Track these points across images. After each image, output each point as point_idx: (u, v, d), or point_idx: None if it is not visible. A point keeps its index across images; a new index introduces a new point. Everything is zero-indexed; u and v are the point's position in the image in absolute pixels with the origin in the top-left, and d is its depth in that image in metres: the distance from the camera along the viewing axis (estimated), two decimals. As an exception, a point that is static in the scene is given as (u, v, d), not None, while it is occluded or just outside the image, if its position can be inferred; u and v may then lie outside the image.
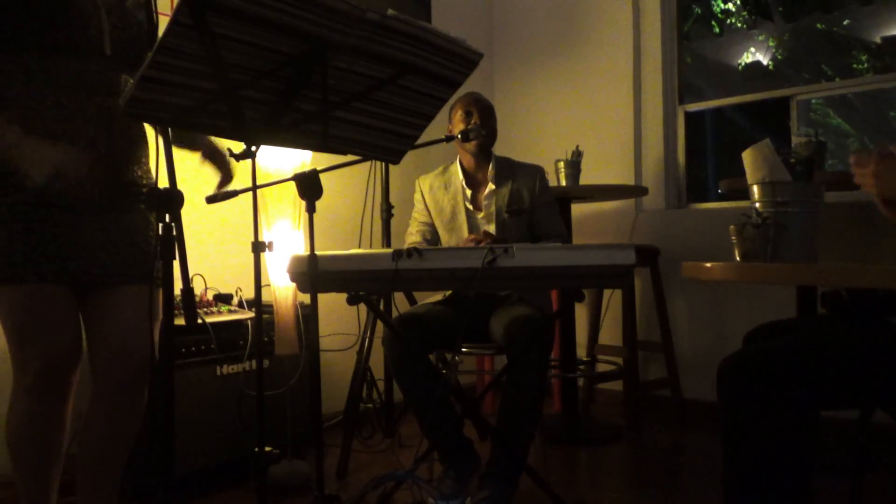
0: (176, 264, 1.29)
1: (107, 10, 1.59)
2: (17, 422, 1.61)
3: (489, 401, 3.44)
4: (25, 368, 1.58)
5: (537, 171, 2.55)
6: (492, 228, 2.47)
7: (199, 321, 2.37)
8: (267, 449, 2.46)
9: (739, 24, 4.54)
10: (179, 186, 1.29)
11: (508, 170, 2.54)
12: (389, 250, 1.79)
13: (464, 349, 2.48)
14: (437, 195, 2.56)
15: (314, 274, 1.59)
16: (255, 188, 1.52)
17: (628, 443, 3.06)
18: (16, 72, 1.52)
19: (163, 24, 1.32)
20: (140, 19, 1.65)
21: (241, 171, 1.72)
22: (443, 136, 2.39)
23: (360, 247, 2.99)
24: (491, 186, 2.50)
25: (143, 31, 1.64)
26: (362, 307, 2.69)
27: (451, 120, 2.58)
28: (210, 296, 2.57)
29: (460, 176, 2.54)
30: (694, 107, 3.73)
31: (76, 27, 1.53)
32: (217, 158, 1.79)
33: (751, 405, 1.32)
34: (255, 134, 1.41)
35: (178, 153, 1.36)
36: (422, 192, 2.60)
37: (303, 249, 2.49)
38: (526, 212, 2.49)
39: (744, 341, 1.73)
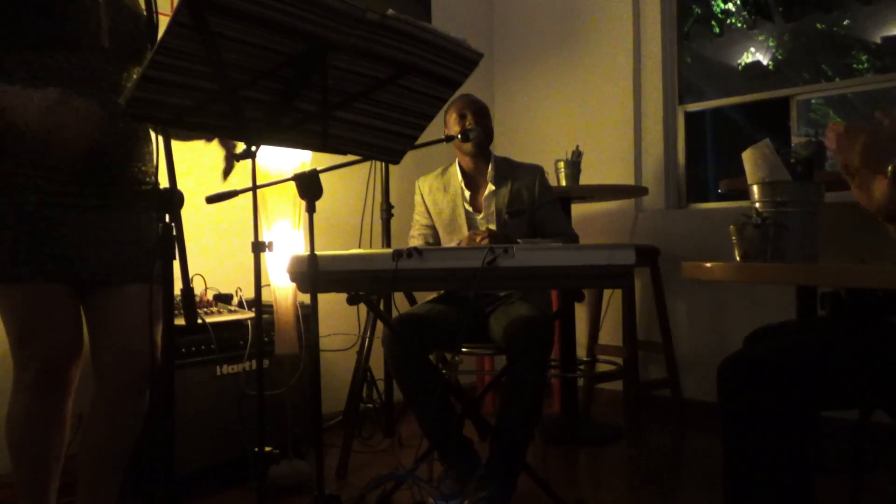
0: (176, 264, 1.29)
1: (105, 2, 1.59)
2: (17, 420, 1.62)
3: (489, 401, 3.44)
4: (26, 367, 1.58)
5: (537, 171, 2.54)
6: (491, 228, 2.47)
7: (199, 321, 2.37)
8: (267, 449, 2.46)
9: (739, 24, 4.54)
10: (179, 186, 1.29)
11: (508, 170, 2.54)
12: (389, 250, 1.79)
13: (464, 349, 2.48)
14: (437, 197, 2.56)
15: (314, 274, 1.59)
16: (255, 188, 1.52)
17: (628, 443, 3.06)
18: (18, 69, 1.52)
19: (162, 24, 1.32)
20: (138, 12, 1.65)
21: (241, 171, 1.72)
22: (443, 137, 2.39)
23: (360, 247, 2.99)
24: (490, 187, 2.50)
25: (143, 23, 1.63)
26: (362, 307, 2.69)
27: (445, 123, 2.58)
28: (210, 296, 2.57)
29: (459, 177, 2.54)
30: (694, 107, 3.73)
31: (74, 20, 1.53)
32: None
33: (751, 405, 1.32)
34: (256, 134, 1.41)
35: (178, 153, 1.36)
36: (422, 193, 2.60)
37: (303, 249, 2.49)
38: (527, 212, 2.48)
39: (744, 344, 1.73)
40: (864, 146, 1.26)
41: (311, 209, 1.57)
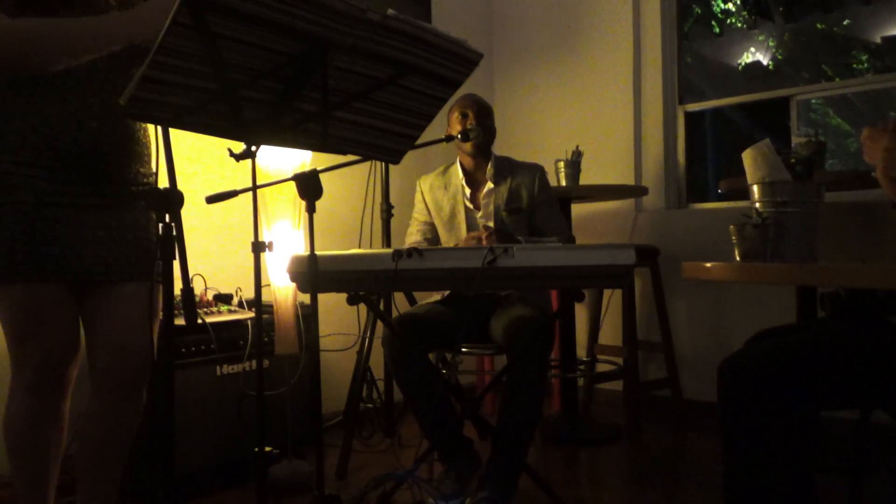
0: (176, 264, 1.29)
1: (119, 4, 1.58)
2: (15, 418, 1.62)
3: (489, 401, 3.44)
4: (24, 366, 1.58)
5: (537, 170, 2.54)
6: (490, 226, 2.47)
7: (199, 321, 2.37)
8: (267, 449, 2.46)
9: (739, 24, 4.54)
10: (179, 186, 1.29)
11: (507, 169, 2.54)
12: (389, 250, 1.79)
13: (464, 349, 2.48)
14: (437, 195, 2.56)
15: (314, 274, 1.59)
16: (255, 188, 1.52)
17: (628, 443, 3.06)
18: None
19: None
20: None
21: (241, 171, 1.72)
22: (443, 136, 2.39)
23: (360, 247, 2.99)
24: (489, 185, 2.50)
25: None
26: (362, 307, 2.69)
27: (448, 121, 2.58)
28: (210, 296, 2.57)
29: (460, 175, 2.54)
30: (694, 107, 3.73)
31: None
32: None
33: (751, 405, 1.32)
34: (255, 134, 1.41)
35: (178, 153, 1.36)
36: (422, 191, 2.60)
37: (303, 249, 2.49)
38: (524, 211, 2.48)
39: (745, 346, 1.73)
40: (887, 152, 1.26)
41: (311, 209, 1.57)
